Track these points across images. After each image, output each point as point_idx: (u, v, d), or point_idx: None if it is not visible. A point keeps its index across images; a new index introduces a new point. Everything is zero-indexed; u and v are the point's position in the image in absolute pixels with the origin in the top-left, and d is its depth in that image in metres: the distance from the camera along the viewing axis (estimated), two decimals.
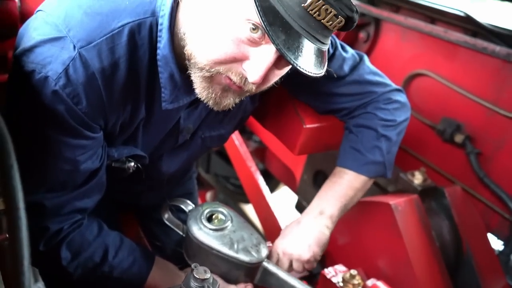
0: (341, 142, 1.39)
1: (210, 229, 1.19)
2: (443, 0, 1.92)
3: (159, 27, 0.99)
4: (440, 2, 1.91)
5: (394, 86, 1.37)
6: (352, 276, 1.32)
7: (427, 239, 1.48)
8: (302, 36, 0.87)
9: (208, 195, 2.99)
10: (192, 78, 1.00)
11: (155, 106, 1.09)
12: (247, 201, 2.79)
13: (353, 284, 1.31)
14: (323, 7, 0.85)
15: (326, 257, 1.63)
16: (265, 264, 1.22)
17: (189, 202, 1.30)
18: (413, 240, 1.44)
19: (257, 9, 0.84)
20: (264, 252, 1.21)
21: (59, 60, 0.90)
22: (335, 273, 1.36)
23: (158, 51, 1.00)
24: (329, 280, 1.34)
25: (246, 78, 0.94)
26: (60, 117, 0.93)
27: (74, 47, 0.91)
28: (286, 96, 1.41)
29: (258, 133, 2.28)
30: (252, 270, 1.21)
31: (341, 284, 1.32)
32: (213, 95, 1.00)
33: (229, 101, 1.03)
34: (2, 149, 0.53)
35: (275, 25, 0.85)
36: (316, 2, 0.84)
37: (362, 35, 2.14)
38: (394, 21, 2.00)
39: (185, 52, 0.98)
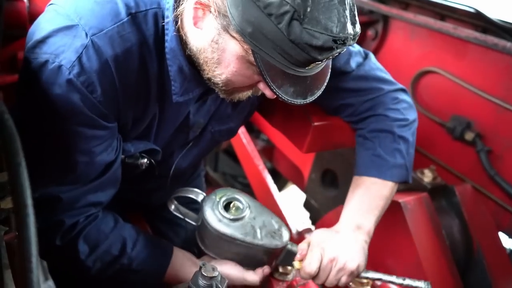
0: (356, 150, 1.37)
1: (230, 219, 1.16)
2: None
3: (165, 20, 0.99)
4: None
5: (399, 85, 1.36)
6: None
7: (437, 238, 1.47)
8: (307, 77, 0.93)
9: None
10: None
11: (166, 100, 1.09)
12: None
13: (362, 283, 1.30)
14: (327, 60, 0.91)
15: None
16: (289, 246, 1.21)
17: (198, 190, 1.26)
18: (423, 239, 1.43)
19: (263, 73, 0.89)
20: (286, 234, 1.21)
21: (72, 49, 0.91)
22: None
23: (166, 44, 1.01)
24: None
25: None
26: (75, 107, 0.93)
27: (86, 34, 0.92)
28: None
29: (266, 131, 2.28)
30: (276, 254, 1.22)
31: (350, 283, 1.31)
32: (230, 94, 1.06)
33: (243, 94, 1.07)
34: (10, 148, 0.53)
35: (284, 85, 0.91)
36: (320, 61, 0.89)
37: (370, 32, 2.12)
38: (403, 19, 1.98)
39: (190, 52, 1.00)
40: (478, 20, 1.76)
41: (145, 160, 1.18)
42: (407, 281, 1.19)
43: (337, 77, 1.27)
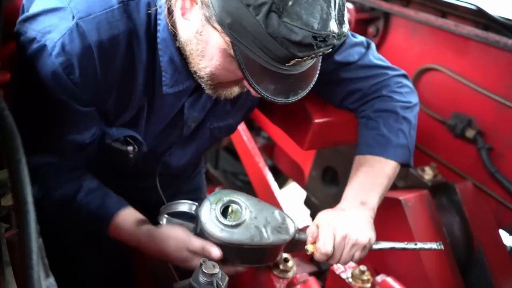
0: (359, 131, 1.36)
1: (232, 226, 1.10)
2: None
3: (158, 10, 1.00)
4: None
5: (401, 71, 1.37)
6: (362, 272, 1.31)
7: (438, 235, 1.47)
8: (290, 76, 0.90)
9: (217, 191, 2.99)
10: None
11: (156, 91, 1.09)
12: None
13: (362, 280, 1.30)
14: (309, 58, 0.88)
15: None
16: (297, 236, 1.18)
17: (189, 202, 1.18)
18: (423, 236, 1.43)
19: (242, 67, 0.88)
20: (292, 225, 1.16)
21: (57, 30, 0.94)
22: (344, 269, 1.35)
23: (158, 34, 1.01)
24: (338, 276, 1.33)
25: None
26: (52, 86, 0.97)
27: (73, 17, 0.93)
28: None
29: (267, 129, 2.28)
30: (285, 246, 1.18)
31: (351, 280, 1.31)
32: (216, 90, 1.05)
33: (231, 92, 1.06)
34: (10, 145, 0.53)
35: (265, 82, 0.89)
36: (301, 58, 0.86)
37: (371, 30, 2.12)
38: (404, 16, 1.98)
39: (179, 44, 1.00)
40: (479, 17, 1.76)
41: (131, 147, 1.16)
42: (419, 245, 1.18)
43: (341, 69, 1.27)
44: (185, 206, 1.16)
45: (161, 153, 1.25)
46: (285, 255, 1.28)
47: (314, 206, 2.24)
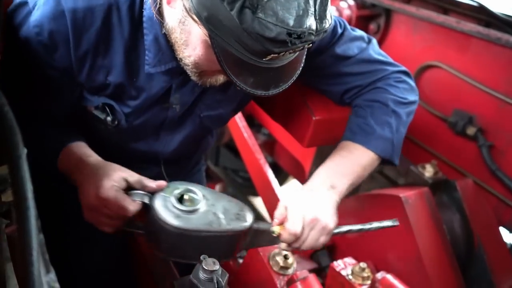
0: (349, 117, 1.36)
1: (189, 211, 1.04)
2: None
3: None
4: None
5: (403, 67, 1.36)
6: (362, 269, 1.31)
7: (438, 232, 1.47)
8: (271, 69, 0.90)
9: (217, 188, 3.00)
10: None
11: (140, 71, 1.10)
12: (256, 194, 2.79)
13: (363, 277, 1.30)
14: (287, 54, 0.88)
15: (336, 250, 1.63)
16: (256, 225, 1.13)
17: (140, 191, 1.07)
18: (424, 234, 1.43)
19: (220, 59, 0.89)
20: (250, 214, 1.13)
21: None
22: (345, 266, 1.35)
23: (144, 12, 1.03)
24: (338, 273, 1.33)
25: None
26: (24, 41, 1.03)
27: None
28: (295, 87, 1.39)
29: (267, 125, 2.28)
30: (244, 237, 1.13)
31: (351, 277, 1.31)
32: (201, 77, 1.07)
33: (216, 79, 1.08)
34: (10, 140, 0.53)
35: (244, 74, 0.90)
36: (277, 54, 0.86)
37: (372, 26, 2.11)
38: (406, 12, 1.97)
39: (165, 31, 1.02)
40: (481, 14, 1.75)
41: (110, 118, 1.15)
42: (374, 225, 1.17)
43: (340, 63, 1.27)
44: (137, 196, 1.06)
45: (148, 136, 1.25)
46: (284, 252, 1.28)
47: None
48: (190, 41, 0.96)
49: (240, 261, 1.44)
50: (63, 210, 1.31)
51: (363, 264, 1.32)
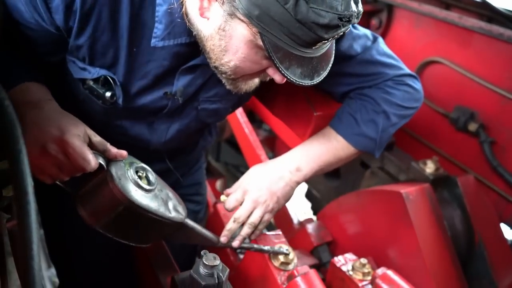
0: (342, 105, 1.38)
1: (146, 190, 1.03)
2: None
3: None
4: None
5: (408, 71, 1.35)
6: (362, 265, 1.31)
7: (439, 229, 1.47)
8: (313, 58, 0.95)
9: (218, 183, 3.00)
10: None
11: (142, 43, 1.08)
12: None
13: (363, 273, 1.31)
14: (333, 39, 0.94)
15: (336, 246, 1.63)
16: (187, 220, 1.13)
17: (96, 152, 0.99)
18: (424, 230, 1.43)
19: (271, 54, 0.92)
20: (184, 209, 1.14)
21: None
22: (345, 261, 1.35)
23: None
24: (339, 269, 1.34)
25: None
26: None
27: None
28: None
29: (268, 121, 2.27)
30: (178, 228, 1.13)
31: (351, 273, 1.32)
32: (236, 84, 1.10)
33: (251, 84, 1.11)
34: (10, 135, 0.53)
35: (292, 67, 0.93)
36: (327, 40, 0.91)
37: (374, 22, 2.10)
38: (408, 7, 1.96)
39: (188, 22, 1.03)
40: (483, 10, 1.74)
41: (109, 93, 1.12)
42: (271, 249, 1.26)
43: (342, 62, 1.26)
44: (95, 156, 0.98)
45: (141, 122, 1.24)
46: (285, 247, 1.29)
47: (315, 199, 2.24)
48: (231, 46, 0.97)
49: (241, 256, 1.44)
50: (62, 204, 1.31)
51: (363, 260, 1.32)
